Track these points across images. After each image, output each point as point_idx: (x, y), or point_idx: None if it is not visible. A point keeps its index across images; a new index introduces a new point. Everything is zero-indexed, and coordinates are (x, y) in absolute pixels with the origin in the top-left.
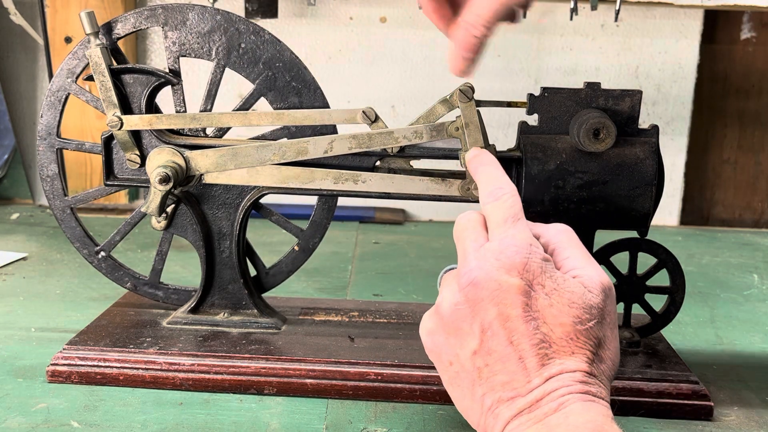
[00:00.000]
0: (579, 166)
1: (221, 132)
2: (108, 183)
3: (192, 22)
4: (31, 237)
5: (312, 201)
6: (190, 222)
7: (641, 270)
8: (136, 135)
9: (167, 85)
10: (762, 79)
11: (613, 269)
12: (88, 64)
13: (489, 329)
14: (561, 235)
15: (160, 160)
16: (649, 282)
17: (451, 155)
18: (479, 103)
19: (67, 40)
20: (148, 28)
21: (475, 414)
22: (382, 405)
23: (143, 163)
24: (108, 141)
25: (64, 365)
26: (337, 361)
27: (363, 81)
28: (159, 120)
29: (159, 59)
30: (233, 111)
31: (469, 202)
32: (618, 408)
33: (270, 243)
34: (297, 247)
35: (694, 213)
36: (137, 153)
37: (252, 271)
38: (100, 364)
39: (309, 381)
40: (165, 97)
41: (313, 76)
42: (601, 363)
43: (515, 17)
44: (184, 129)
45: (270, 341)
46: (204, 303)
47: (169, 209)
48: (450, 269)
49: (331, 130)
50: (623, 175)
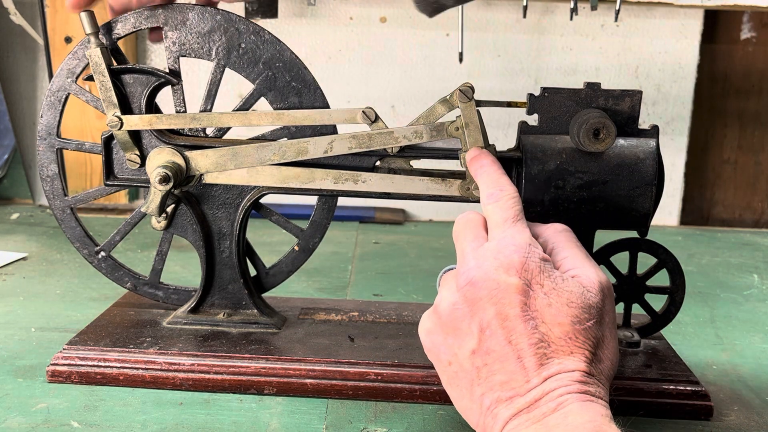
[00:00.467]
0: (579, 166)
1: (221, 132)
2: (108, 183)
3: (192, 22)
4: (31, 237)
5: (311, 201)
6: (190, 222)
7: (641, 270)
8: (136, 135)
9: (167, 86)
10: (762, 79)
11: (613, 269)
12: (88, 64)
13: (487, 329)
14: (560, 235)
15: (160, 160)
16: (649, 282)
17: (451, 155)
18: (479, 103)
19: (67, 40)
20: (148, 28)
21: (474, 414)
22: (382, 405)
23: (143, 163)
24: (108, 141)
25: (64, 365)
26: (337, 361)
27: (363, 81)
28: (159, 120)
29: (159, 59)
30: (233, 111)
31: (469, 201)
32: (618, 408)
33: (270, 243)
34: (297, 247)
35: (694, 213)
36: (137, 153)
37: (252, 271)
38: (100, 364)
39: (309, 381)
40: (164, 98)
41: (313, 76)
42: (600, 363)
43: None
44: (184, 129)
45: (270, 341)
46: (204, 303)
47: (169, 209)
48: (449, 269)
49: (331, 129)
50: (623, 175)
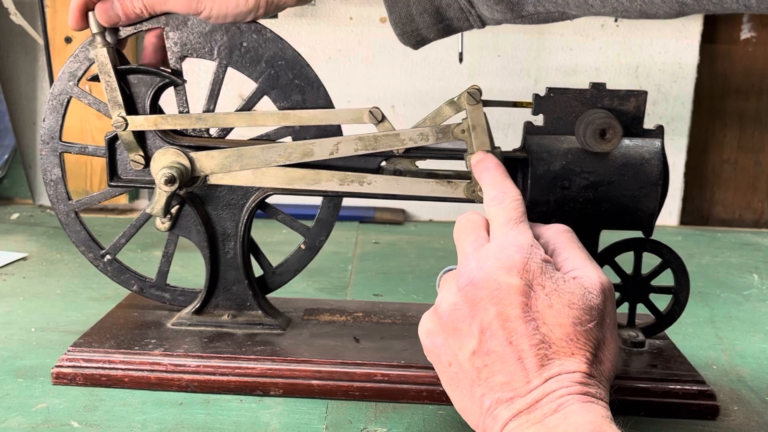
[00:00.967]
0: (584, 166)
1: (225, 132)
2: (112, 184)
3: (193, 22)
4: (31, 237)
5: (313, 201)
6: (194, 223)
7: (645, 270)
8: (140, 136)
9: (171, 86)
10: (762, 79)
11: (618, 269)
12: (89, 66)
13: (488, 329)
14: (561, 236)
15: (165, 161)
16: (654, 282)
17: (457, 156)
18: (484, 104)
19: (67, 40)
20: (150, 29)
21: (474, 415)
22: (382, 405)
23: (147, 164)
24: (112, 142)
25: (68, 367)
26: (344, 362)
27: (363, 81)
28: (164, 120)
29: None
30: (238, 111)
31: (474, 203)
32: (624, 408)
33: (270, 243)
34: (303, 246)
35: (694, 213)
36: (141, 154)
37: (257, 271)
38: (105, 366)
39: (315, 382)
40: (163, 98)
41: (316, 73)
42: (601, 364)
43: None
44: (187, 129)
45: (275, 342)
46: (208, 304)
47: (174, 210)
48: (449, 270)
49: (336, 129)
50: (629, 176)
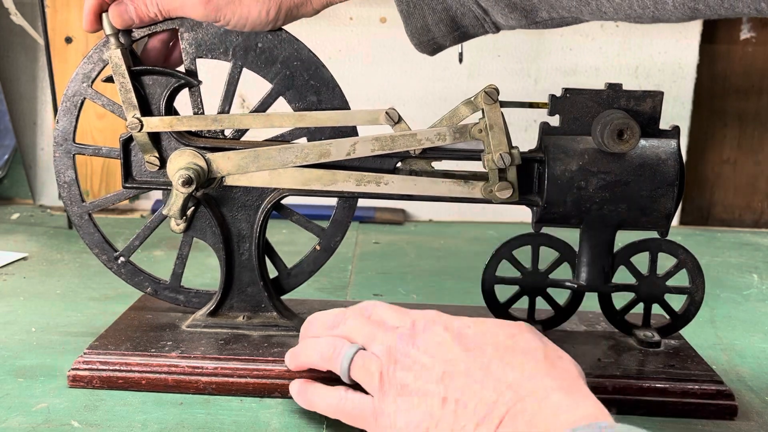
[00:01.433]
0: (601, 166)
1: (239, 134)
2: (127, 185)
3: (208, 22)
4: (32, 237)
5: (324, 202)
6: (209, 224)
7: (660, 270)
8: (155, 137)
9: (186, 87)
10: (761, 79)
11: (633, 269)
12: (103, 68)
13: None
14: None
15: (181, 162)
16: (668, 282)
17: (474, 156)
18: (502, 104)
19: (68, 40)
20: (164, 31)
21: None
22: None
23: (162, 166)
24: (126, 143)
25: (85, 370)
26: None
27: (363, 81)
28: (180, 122)
29: None
30: (254, 113)
31: (491, 203)
32: (642, 408)
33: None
34: (318, 247)
35: (693, 213)
36: (156, 155)
37: (271, 273)
38: (122, 368)
39: (334, 374)
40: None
41: (332, 73)
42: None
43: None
44: (203, 131)
45: (292, 344)
46: (223, 306)
47: (189, 212)
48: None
49: (351, 129)
50: (645, 176)
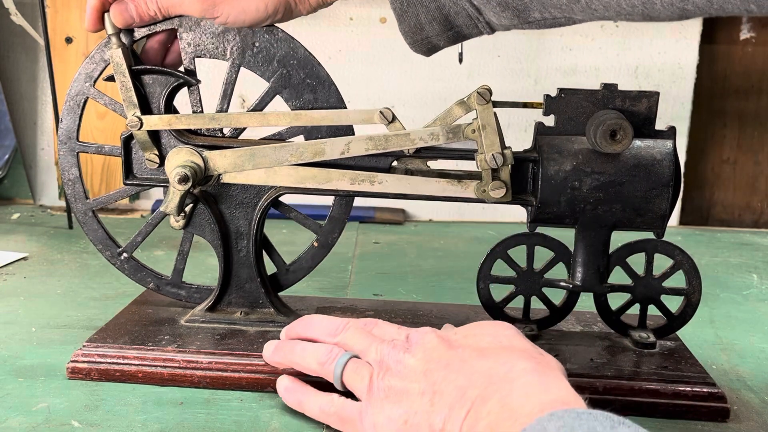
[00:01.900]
0: (595, 167)
1: (237, 132)
2: (127, 183)
3: (206, 23)
4: (32, 237)
5: (322, 201)
6: (207, 221)
7: (656, 271)
8: (155, 135)
9: (186, 86)
10: (761, 79)
11: (629, 270)
12: (105, 67)
13: None
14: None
15: (178, 159)
16: (664, 283)
17: (468, 156)
18: (495, 104)
19: (68, 40)
20: (163, 30)
21: None
22: None
23: (162, 163)
24: (127, 141)
25: (84, 362)
26: None
27: (363, 81)
28: (178, 120)
29: None
30: (251, 111)
31: (485, 202)
32: (635, 409)
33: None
34: (316, 243)
35: (693, 213)
36: (156, 153)
37: (269, 270)
38: (119, 361)
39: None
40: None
41: (328, 72)
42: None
43: None
44: (201, 129)
45: None
46: (221, 302)
47: (188, 209)
48: None
49: (347, 127)
50: (640, 177)
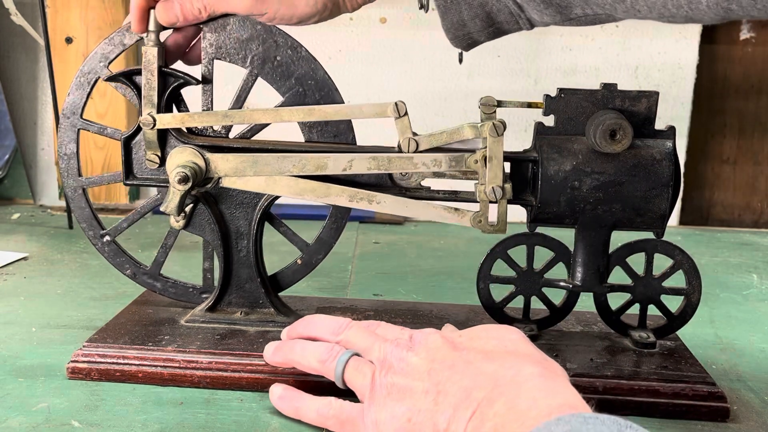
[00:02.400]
0: (595, 166)
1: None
2: (127, 182)
3: (232, 27)
4: (32, 237)
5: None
6: (208, 221)
7: (656, 271)
8: (162, 135)
9: (186, 86)
10: (761, 80)
11: (629, 270)
12: (122, 52)
13: None
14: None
15: (180, 159)
16: (664, 283)
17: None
18: (500, 104)
19: (68, 40)
20: (189, 24)
21: None
22: None
23: (161, 164)
24: (127, 141)
25: (84, 362)
26: None
27: (363, 81)
28: (191, 118)
29: None
30: (263, 109)
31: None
32: (634, 409)
33: (271, 243)
34: (300, 261)
35: (693, 213)
36: (157, 153)
37: (269, 270)
38: (119, 361)
39: (326, 380)
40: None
41: (344, 99)
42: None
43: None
44: (200, 129)
45: None
46: (221, 302)
47: (188, 208)
48: None
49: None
50: (639, 176)
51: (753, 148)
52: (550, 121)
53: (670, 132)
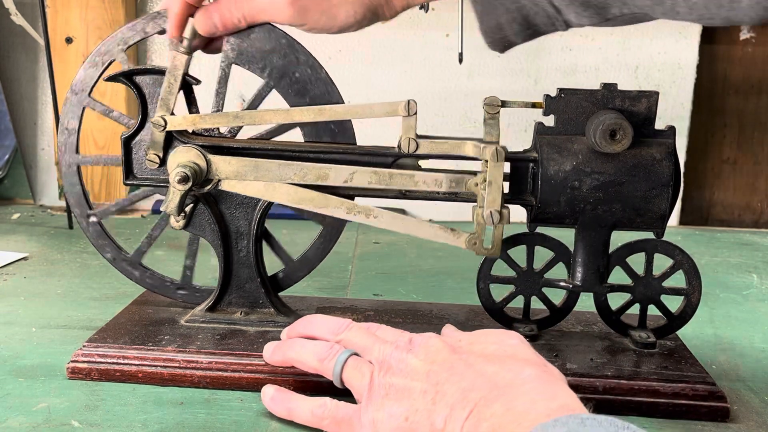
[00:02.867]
0: (595, 167)
1: (236, 131)
2: (127, 182)
3: (257, 36)
4: (32, 237)
5: None
6: (208, 221)
7: (656, 271)
8: (168, 137)
9: (186, 86)
10: (761, 79)
11: (629, 270)
12: (142, 39)
13: None
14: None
15: (181, 159)
16: (664, 283)
17: (460, 156)
18: (504, 104)
19: (68, 40)
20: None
21: None
22: None
23: (161, 164)
24: (128, 141)
25: (84, 362)
26: None
27: (363, 81)
28: (202, 119)
29: (159, 59)
30: (273, 109)
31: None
32: (634, 409)
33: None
34: (281, 275)
35: (693, 213)
36: (158, 154)
37: (269, 270)
38: (119, 361)
39: (326, 380)
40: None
41: (353, 126)
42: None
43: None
44: (201, 129)
45: None
46: (221, 302)
47: (188, 208)
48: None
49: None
50: (639, 176)
51: (753, 147)
52: (550, 121)
53: (670, 132)
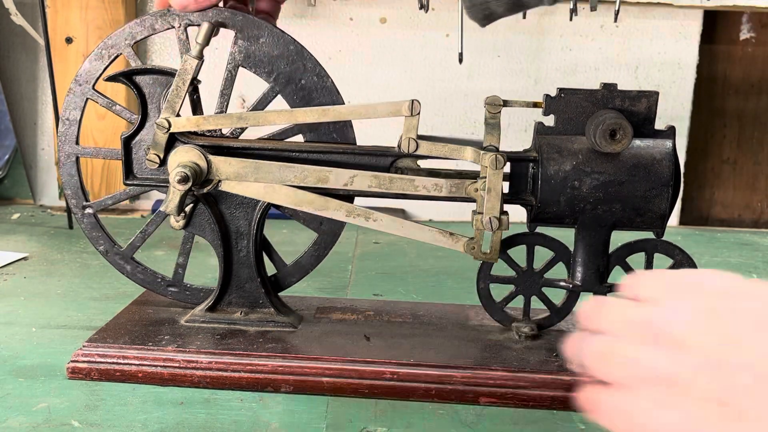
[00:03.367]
0: (595, 166)
1: (239, 131)
2: (127, 183)
3: (265, 40)
4: (32, 237)
5: None
6: (208, 221)
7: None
8: (171, 138)
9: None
10: (761, 79)
11: (629, 270)
12: (150, 35)
13: None
14: None
15: (182, 158)
16: None
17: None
18: (506, 103)
19: (68, 40)
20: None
21: None
22: (382, 404)
23: (161, 164)
24: (128, 141)
25: (84, 362)
26: (353, 360)
27: (363, 81)
28: (206, 121)
29: (158, 59)
30: (276, 110)
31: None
32: None
33: (271, 243)
34: (273, 278)
35: (693, 213)
36: (159, 154)
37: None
38: (119, 361)
39: (325, 380)
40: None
41: (356, 136)
42: None
43: None
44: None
45: (287, 340)
46: (221, 301)
47: (188, 208)
48: None
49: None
50: (639, 176)
51: (753, 147)
52: (550, 121)
53: (670, 132)
